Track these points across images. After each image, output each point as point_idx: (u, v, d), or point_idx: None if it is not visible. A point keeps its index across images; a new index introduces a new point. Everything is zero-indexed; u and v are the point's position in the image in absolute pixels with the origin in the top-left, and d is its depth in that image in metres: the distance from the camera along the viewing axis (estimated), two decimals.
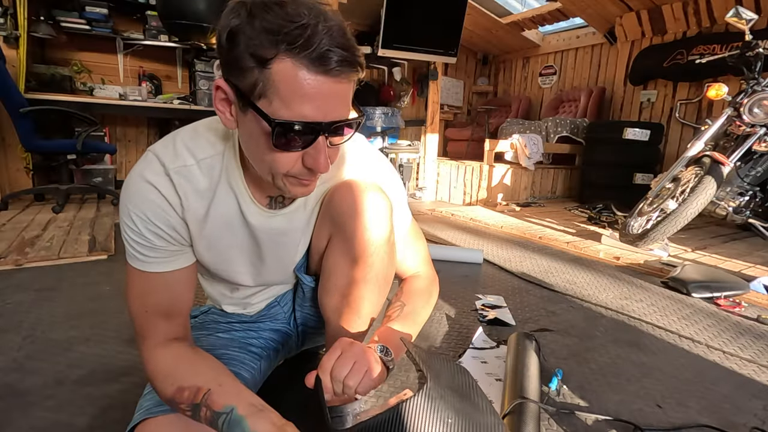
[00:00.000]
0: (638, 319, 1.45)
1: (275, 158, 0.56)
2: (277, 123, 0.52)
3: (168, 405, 0.62)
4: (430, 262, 0.89)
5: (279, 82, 0.50)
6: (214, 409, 0.57)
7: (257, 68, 0.50)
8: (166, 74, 4.01)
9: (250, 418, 0.55)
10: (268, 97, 0.51)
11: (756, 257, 2.23)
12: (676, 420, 0.91)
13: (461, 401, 0.54)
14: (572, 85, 4.95)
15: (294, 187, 0.60)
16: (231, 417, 0.55)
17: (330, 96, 0.52)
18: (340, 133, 0.57)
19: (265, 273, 0.77)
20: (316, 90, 0.51)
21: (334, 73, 0.51)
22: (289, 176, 0.58)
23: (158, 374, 0.63)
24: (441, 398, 0.52)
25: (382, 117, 3.91)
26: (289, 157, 0.56)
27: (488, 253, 2.20)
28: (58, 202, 2.76)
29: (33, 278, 1.59)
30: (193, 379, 0.60)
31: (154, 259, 0.64)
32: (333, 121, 0.54)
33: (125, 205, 0.61)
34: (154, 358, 0.64)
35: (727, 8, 2.70)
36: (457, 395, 0.55)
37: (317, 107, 0.52)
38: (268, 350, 0.84)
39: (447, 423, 0.50)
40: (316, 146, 0.55)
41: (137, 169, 0.62)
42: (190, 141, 0.64)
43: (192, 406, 0.58)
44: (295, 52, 0.49)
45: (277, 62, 0.49)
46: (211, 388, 0.58)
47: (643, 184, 3.49)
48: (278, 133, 0.52)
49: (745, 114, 2.12)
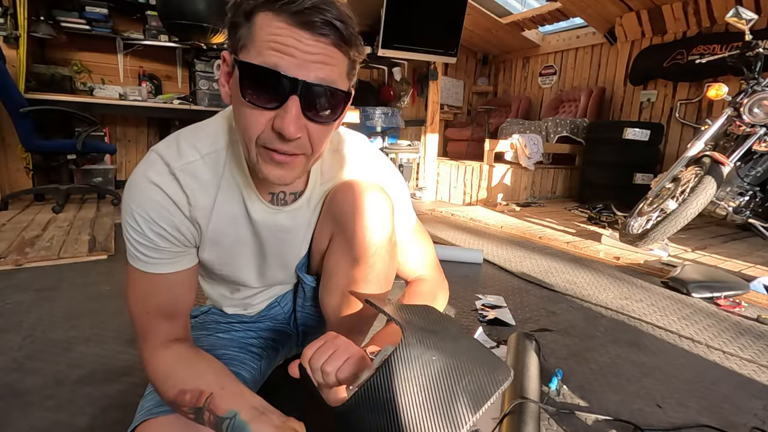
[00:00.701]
0: (638, 319, 1.45)
1: (246, 117, 0.54)
2: (241, 62, 0.52)
3: (170, 407, 0.62)
4: (437, 264, 0.87)
5: (257, 31, 0.51)
6: (218, 414, 0.57)
7: (244, 23, 0.52)
8: (166, 74, 4.01)
9: (253, 423, 0.55)
10: (247, 46, 0.52)
11: (756, 257, 2.23)
12: (676, 420, 0.91)
13: (437, 337, 0.55)
14: (572, 85, 4.95)
15: (267, 165, 0.57)
16: (234, 422, 0.55)
17: (308, 53, 0.51)
18: (318, 101, 0.54)
19: (268, 272, 0.77)
20: (291, 42, 0.50)
21: (317, 30, 0.50)
22: (261, 147, 0.56)
23: (159, 375, 0.62)
24: (419, 343, 0.53)
25: (382, 117, 3.91)
26: (258, 116, 0.53)
27: (488, 253, 2.20)
28: (58, 202, 2.76)
29: (33, 278, 1.59)
30: (194, 381, 0.60)
31: (157, 260, 0.64)
32: (308, 80, 0.51)
33: (128, 206, 0.61)
34: (155, 359, 0.64)
35: (727, 8, 2.70)
36: (432, 333, 0.56)
37: (291, 61, 0.50)
38: (268, 350, 0.84)
39: (432, 362, 0.51)
40: (286, 107, 0.52)
41: (140, 170, 0.61)
42: (193, 138, 0.64)
43: (195, 410, 0.58)
44: (276, 5, 0.50)
45: (259, 15, 0.51)
46: (213, 392, 0.58)
47: (643, 184, 3.49)
48: (244, 78, 0.52)
49: (745, 114, 2.12)
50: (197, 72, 3.63)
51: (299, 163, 0.58)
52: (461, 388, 0.49)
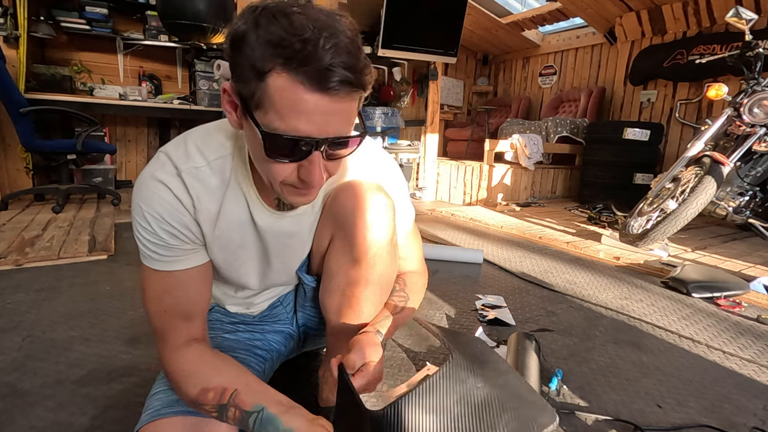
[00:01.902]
0: (638, 319, 1.45)
1: (270, 167, 0.55)
2: (265, 133, 0.51)
3: (190, 406, 0.62)
4: (423, 257, 0.92)
5: (274, 95, 0.49)
6: (244, 408, 0.57)
7: (255, 79, 0.49)
8: (166, 74, 4.01)
9: (283, 416, 0.55)
10: (264, 108, 0.51)
11: (756, 257, 2.23)
12: (676, 420, 0.91)
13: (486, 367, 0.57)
14: (572, 85, 4.95)
15: (292, 196, 0.59)
16: (263, 415, 0.56)
17: (327, 114, 0.51)
18: (339, 147, 0.56)
19: (270, 275, 0.78)
20: (311, 107, 0.50)
21: (333, 92, 0.49)
22: (286, 185, 0.58)
23: (181, 375, 0.62)
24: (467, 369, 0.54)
25: (382, 117, 3.91)
26: (283, 168, 0.55)
27: (488, 253, 2.20)
28: (58, 202, 2.76)
29: (33, 278, 1.59)
30: (217, 379, 0.60)
31: (170, 258, 0.64)
32: (329, 137, 0.53)
33: (138, 205, 0.61)
34: (176, 359, 0.64)
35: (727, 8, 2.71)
36: (481, 363, 0.57)
37: (312, 123, 0.51)
38: (272, 352, 0.85)
39: (476, 389, 0.52)
40: (311, 159, 0.54)
41: (149, 170, 0.62)
42: (200, 142, 0.64)
43: (218, 407, 0.58)
44: (292, 67, 0.47)
45: (273, 76, 0.48)
46: (238, 388, 0.58)
47: (643, 184, 3.49)
48: (269, 144, 0.52)
49: (745, 114, 2.12)
50: (197, 72, 3.63)
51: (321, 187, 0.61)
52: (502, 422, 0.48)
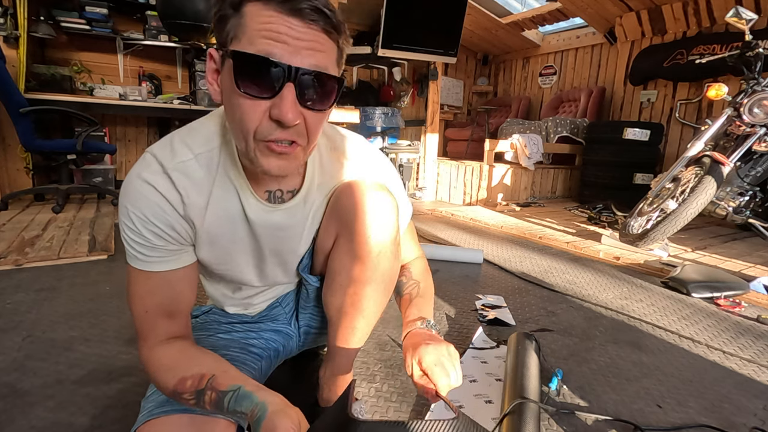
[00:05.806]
0: (638, 319, 1.45)
1: (243, 110, 0.54)
2: (235, 53, 0.52)
3: (171, 397, 0.62)
4: (418, 242, 0.94)
5: (248, 21, 0.51)
6: (220, 389, 0.57)
7: (232, 15, 0.52)
8: (166, 74, 4.00)
9: (258, 392, 0.55)
10: (238, 37, 0.52)
11: (756, 257, 2.23)
12: (676, 420, 0.91)
13: None
14: (572, 85, 4.95)
15: (266, 158, 0.57)
16: (239, 393, 0.55)
17: (298, 39, 0.51)
18: (313, 87, 0.54)
19: (267, 270, 0.77)
20: (283, 29, 0.51)
21: (306, 16, 0.51)
22: (259, 141, 0.56)
23: (160, 369, 0.62)
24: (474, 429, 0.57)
25: (382, 117, 3.91)
26: (255, 107, 0.53)
27: (488, 253, 2.20)
28: (58, 202, 2.76)
29: (33, 278, 1.59)
30: (196, 369, 0.60)
31: (155, 258, 0.64)
32: (301, 67, 0.52)
33: (124, 206, 0.61)
34: (155, 355, 0.64)
35: (727, 8, 2.71)
36: None
37: (284, 49, 0.51)
38: (269, 351, 0.84)
39: None
40: (283, 94, 0.52)
41: (135, 170, 0.62)
42: (187, 137, 0.64)
43: (195, 393, 0.58)
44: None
45: (248, 5, 0.51)
46: (216, 374, 0.58)
47: (643, 184, 3.49)
48: (239, 69, 0.52)
49: (745, 114, 2.12)
50: (197, 72, 3.62)
51: (298, 153, 0.59)
52: None
